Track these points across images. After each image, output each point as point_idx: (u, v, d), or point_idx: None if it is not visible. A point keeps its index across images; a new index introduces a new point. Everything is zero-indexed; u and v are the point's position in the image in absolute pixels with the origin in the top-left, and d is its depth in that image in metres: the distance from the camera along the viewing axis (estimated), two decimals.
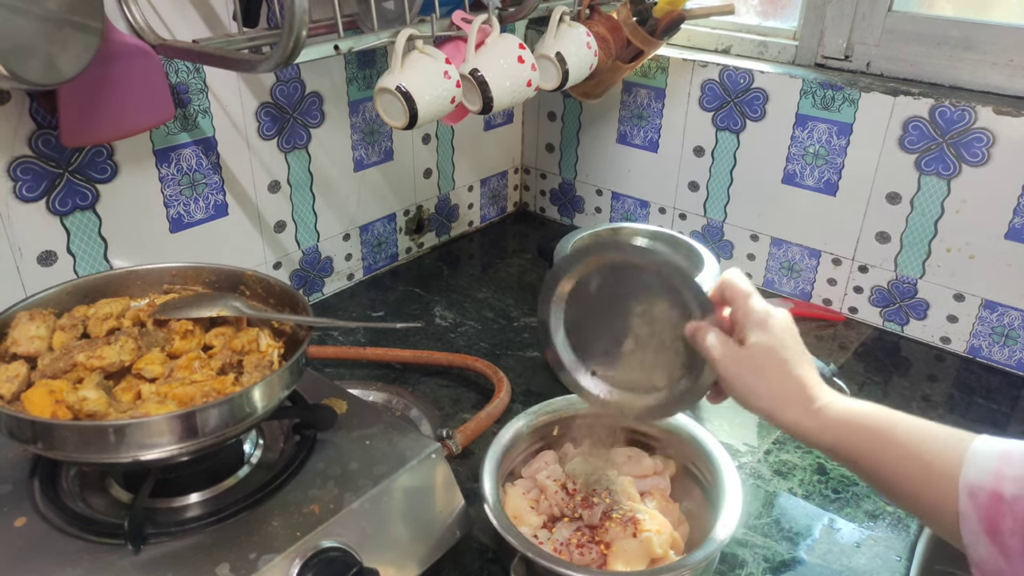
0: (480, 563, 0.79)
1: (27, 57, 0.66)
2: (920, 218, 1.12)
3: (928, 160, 1.09)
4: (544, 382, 1.07)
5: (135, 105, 0.84)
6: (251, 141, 1.07)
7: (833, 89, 1.14)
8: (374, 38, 0.90)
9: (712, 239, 1.35)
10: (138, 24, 0.86)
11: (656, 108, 1.33)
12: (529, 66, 1.02)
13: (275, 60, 0.75)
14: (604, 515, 0.75)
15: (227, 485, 0.71)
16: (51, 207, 0.90)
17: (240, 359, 0.73)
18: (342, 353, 1.09)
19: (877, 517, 0.86)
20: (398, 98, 0.90)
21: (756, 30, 1.29)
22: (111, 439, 0.60)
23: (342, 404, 0.80)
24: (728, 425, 1.00)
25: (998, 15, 1.09)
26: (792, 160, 1.21)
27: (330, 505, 0.68)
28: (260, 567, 0.61)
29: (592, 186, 1.49)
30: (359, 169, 1.25)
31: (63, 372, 0.67)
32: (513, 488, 0.80)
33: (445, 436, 0.88)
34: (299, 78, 1.10)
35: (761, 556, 0.81)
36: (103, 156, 0.93)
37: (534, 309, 1.25)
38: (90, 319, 0.73)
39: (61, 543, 0.63)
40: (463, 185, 1.47)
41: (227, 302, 0.77)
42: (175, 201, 1.02)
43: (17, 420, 0.60)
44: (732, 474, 0.75)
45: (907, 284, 1.17)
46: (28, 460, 0.71)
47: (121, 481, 0.71)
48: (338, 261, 1.28)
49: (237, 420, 0.64)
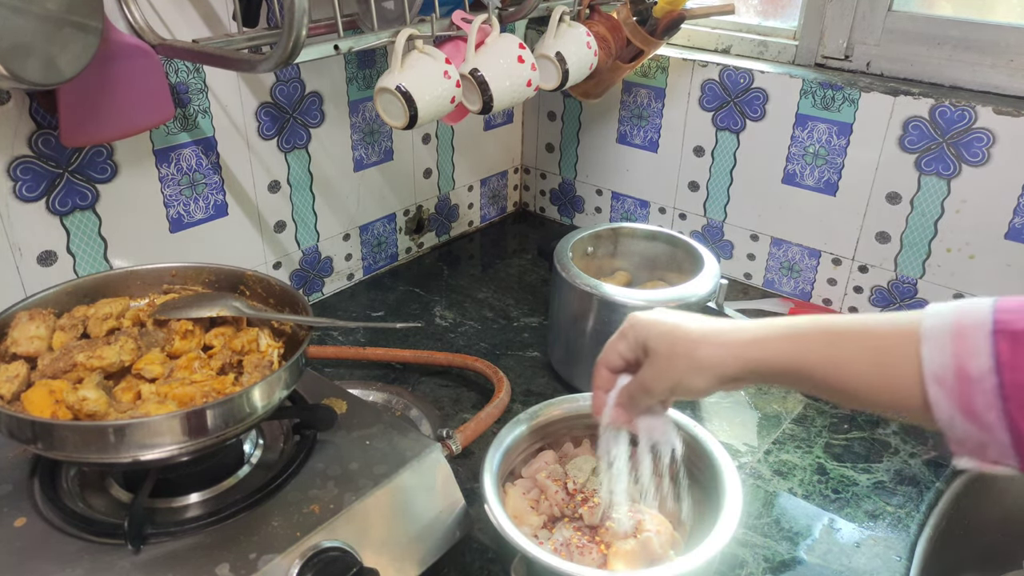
0: (480, 563, 0.79)
1: (27, 57, 0.66)
2: (920, 218, 1.12)
3: (928, 160, 1.09)
4: (544, 382, 1.08)
5: (135, 105, 0.84)
6: (251, 141, 1.07)
7: (833, 89, 1.14)
8: (374, 38, 0.90)
9: (712, 239, 1.35)
10: (138, 24, 0.86)
11: (656, 108, 1.33)
12: (529, 66, 1.02)
13: (275, 60, 0.75)
14: (604, 515, 0.75)
15: (227, 485, 0.71)
16: (51, 207, 0.90)
17: (240, 359, 0.73)
18: (342, 353, 1.09)
19: (877, 517, 0.86)
20: (398, 98, 0.90)
21: (756, 30, 1.29)
22: (111, 439, 0.60)
23: (342, 404, 0.80)
24: (728, 425, 1.00)
25: (998, 15, 1.09)
26: (792, 160, 1.21)
27: (330, 505, 0.68)
28: (260, 567, 0.61)
29: (592, 186, 1.49)
30: (359, 169, 1.25)
31: (63, 372, 0.67)
32: (513, 488, 0.80)
33: (445, 436, 0.88)
34: (299, 78, 1.10)
35: (761, 556, 0.81)
36: (103, 156, 0.93)
37: (534, 309, 1.25)
38: (90, 319, 0.73)
39: (61, 543, 0.63)
40: (463, 185, 1.47)
41: (227, 302, 0.77)
42: (175, 201, 1.02)
43: (17, 420, 0.60)
44: (732, 474, 0.75)
45: (907, 284, 1.17)
46: (28, 460, 0.71)
47: (121, 481, 0.71)
48: (338, 261, 1.28)
49: (237, 420, 0.64)
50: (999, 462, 0.51)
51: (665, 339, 0.63)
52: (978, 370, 0.49)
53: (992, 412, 0.49)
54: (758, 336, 0.59)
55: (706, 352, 0.60)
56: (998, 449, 0.50)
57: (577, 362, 1.04)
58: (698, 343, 0.61)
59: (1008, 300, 0.51)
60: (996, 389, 0.48)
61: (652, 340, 0.63)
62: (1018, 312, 0.50)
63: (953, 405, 0.50)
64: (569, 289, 1.00)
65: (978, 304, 0.51)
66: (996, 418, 0.49)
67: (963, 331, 0.50)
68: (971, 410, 0.50)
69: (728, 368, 0.60)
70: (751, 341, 0.59)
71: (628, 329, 0.66)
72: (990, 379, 0.49)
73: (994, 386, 0.49)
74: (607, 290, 0.96)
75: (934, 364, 0.51)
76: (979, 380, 0.49)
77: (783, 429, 0.99)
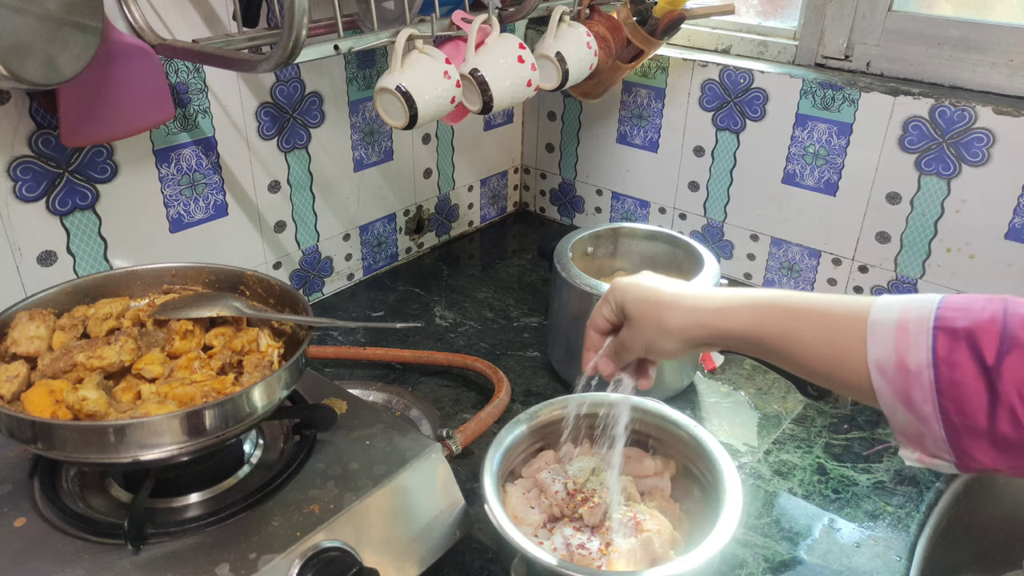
0: (480, 563, 0.79)
1: (27, 57, 0.66)
2: (920, 218, 1.12)
3: (928, 160, 1.09)
4: (544, 382, 1.08)
5: (135, 105, 0.84)
6: (251, 141, 1.07)
7: (833, 89, 1.14)
8: (374, 38, 0.90)
9: (712, 239, 1.35)
10: (138, 24, 0.86)
11: (656, 108, 1.33)
12: (529, 66, 1.02)
13: (275, 60, 0.75)
14: (604, 515, 0.75)
15: (227, 485, 0.71)
16: (51, 207, 0.90)
17: (240, 359, 0.73)
18: (342, 353, 1.09)
19: (877, 517, 0.86)
20: (398, 98, 0.90)
21: (756, 30, 1.29)
22: (111, 439, 0.60)
23: (342, 404, 0.80)
24: (728, 425, 1.00)
25: (998, 15, 1.09)
26: (792, 160, 1.21)
27: (330, 505, 0.68)
28: (260, 567, 0.61)
29: (592, 186, 1.49)
30: (359, 169, 1.25)
31: (63, 372, 0.67)
32: (513, 488, 0.80)
33: (445, 436, 0.88)
34: (299, 78, 1.10)
35: (761, 556, 0.81)
36: (103, 156, 0.93)
37: (534, 309, 1.25)
38: (90, 319, 0.73)
39: (61, 543, 0.63)
40: (463, 185, 1.47)
41: (227, 302, 0.77)
42: (175, 201, 1.02)
43: (17, 420, 0.60)
44: (732, 474, 0.75)
45: (907, 284, 1.17)
46: (28, 460, 0.71)
47: (121, 481, 0.71)
48: (338, 261, 1.28)
49: (237, 420, 0.64)
50: (936, 456, 0.52)
51: (639, 305, 0.68)
52: (916, 364, 0.51)
53: (928, 405, 0.51)
54: (722, 306, 0.63)
55: (673, 318, 0.65)
56: (934, 442, 0.52)
57: (577, 362, 1.04)
58: (668, 309, 0.65)
59: (954, 298, 0.52)
60: (932, 383, 0.50)
61: (628, 304, 0.69)
62: (961, 311, 0.51)
63: (893, 394, 0.52)
64: (569, 289, 1.00)
65: (925, 299, 0.53)
66: (932, 411, 0.50)
67: (906, 325, 0.52)
68: (910, 401, 0.51)
69: (692, 333, 0.64)
70: (715, 310, 0.63)
71: (610, 294, 0.71)
72: (927, 373, 0.50)
73: (930, 380, 0.50)
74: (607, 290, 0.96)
75: (877, 353, 0.53)
76: (917, 373, 0.51)
77: (783, 429, 0.99)
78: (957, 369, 0.49)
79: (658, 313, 0.66)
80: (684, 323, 0.64)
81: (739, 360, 1.11)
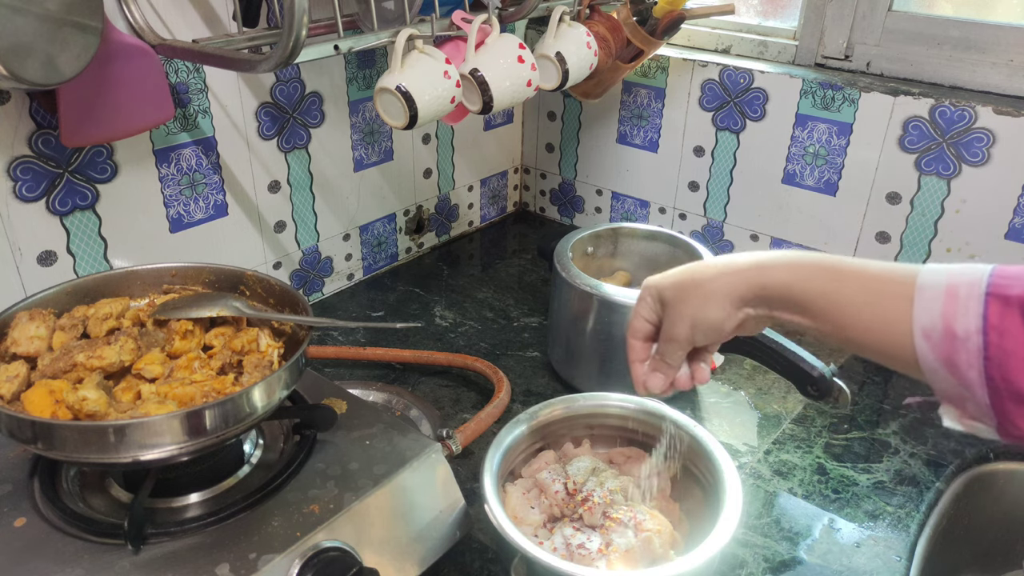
0: (480, 563, 0.79)
1: (26, 57, 0.66)
2: (920, 218, 1.12)
3: (928, 160, 1.09)
4: (544, 382, 1.08)
5: (135, 105, 0.84)
6: (251, 141, 1.07)
7: (833, 89, 1.14)
8: (374, 38, 0.90)
9: (712, 239, 1.35)
10: (138, 24, 0.86)
11: (656, 108, 1.33)
12: (529, 66, 1.02)
13: (275, 60, 0.75)
14: (604, 515, 0.75)
15: (227, 485, 0.71)
16: (51, 207, 0.90)
17: (240, 359, 0.73)
18: (342, 353, 1.09)
19: (877, 517, 0.86)
20: (398, 98, 0.90)
21: (756, 30, 1.29)
22: (111, 439, 0.60)
23: (342, 404, 0.80)
24: (728, 425, 1.00)
25: (998, 15, 1.09)
26: (792, 160, 1.21)
27: (330, 505, 0.68)
28: (260, 567, 0.61)
29: (592, 186, 1.49)
30: (359, 169, 1.25)
31: (63, 372, 0.67)
32: (513, 488, 0.80)
33: (445, 436, 0.88)
34: (299, 78, 1.10)
35: (761, 556, 0.81)
36: (103, 156, 0.93)
37: (534, 309, 1.25)
38: (90, 319, 0.73)
39: (61, 543, 0.63)
40: (463, 185, 1.47)
41: (227, 302, 0.77)
42: (175, 201, 1.02)
43: (17, 420, 0.60)
44: (732, 474, 0.75)
45: None
46: (28, 460, 0.71)
47: (121, 481, 0.71)
48: (338, 261, 1.28)
49: (237, 420, 0.64)
50: (977, 419, 0.52)
51: (676, 287, 0.65)
52: (964, 329, 0.51)
53: (973, 371, 0.51)
54: (763, 261, 0.62)
55: (714, 283, 0.63)
56: (976, 407, 0.52)
57: (577, 362, 1.05)
58: (707, 277, 0.64)
59: (1008, 268, 0.52)
60: (980, 350, 0.50)
61: (666, 291, 0.66)
62: (1015, 279, 0.51)
63: (938, 359, 0.52)
64: (569, 289, 1.00)
65: (975, 267, 0.53)
66: (977, 376, 0.50)
67: (956, 290, 0.52)
68: (954, 366, 0.51)
69: (736, 291, 0.62)
70: (756, 266, 0.62)
71: (644, 291, 0.68)
72: (976, 339, 0.50)
73: (978, 346, 0.50)
74: (607, 290, 0.96)
75: (923, 318, 0.53)
76: (964, 339, 0.51)
77: (783, 429, 0.99)
78: (1007, 336, 0.49)
79: (696, 285, 0.64)
80: (725, 283, 0.62)
81: (739, 360, 1.11)
